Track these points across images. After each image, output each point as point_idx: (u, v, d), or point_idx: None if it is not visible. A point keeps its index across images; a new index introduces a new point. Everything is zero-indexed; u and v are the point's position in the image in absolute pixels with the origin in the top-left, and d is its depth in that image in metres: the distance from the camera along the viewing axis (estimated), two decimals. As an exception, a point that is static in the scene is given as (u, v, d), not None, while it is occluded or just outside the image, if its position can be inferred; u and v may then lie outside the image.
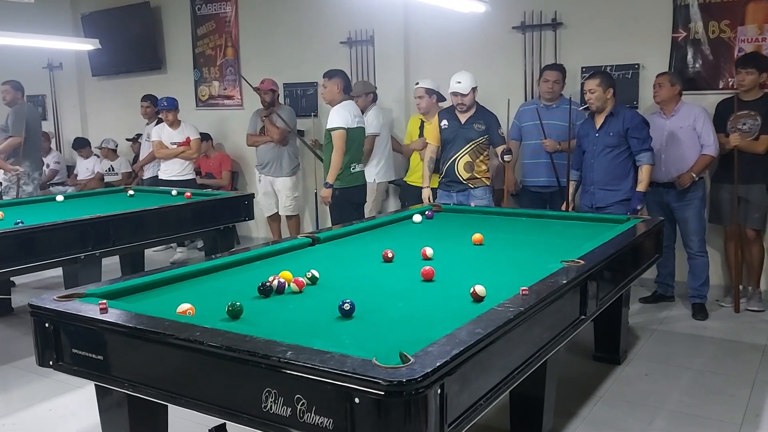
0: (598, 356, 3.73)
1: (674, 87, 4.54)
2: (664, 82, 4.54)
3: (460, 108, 4.63)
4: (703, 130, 4.48)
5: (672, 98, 4.54)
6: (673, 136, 4.53)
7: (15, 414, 3.25)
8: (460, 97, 4.57)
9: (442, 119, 4.73)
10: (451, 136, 4.67)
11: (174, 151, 6.25)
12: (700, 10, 4.88)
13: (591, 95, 4.35)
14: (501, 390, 2.01)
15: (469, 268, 2.86)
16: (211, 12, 7.28)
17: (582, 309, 2.67)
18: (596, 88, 4.33)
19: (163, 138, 6.29)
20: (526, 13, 5.50)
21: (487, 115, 4.68)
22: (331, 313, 2.19)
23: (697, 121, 4.48)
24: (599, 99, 4.34)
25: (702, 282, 4.55)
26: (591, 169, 4.44)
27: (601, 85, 4.33)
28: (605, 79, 4.38)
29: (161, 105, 6.29)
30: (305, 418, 1.68)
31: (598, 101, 4.35)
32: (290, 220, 6.39)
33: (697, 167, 4.47)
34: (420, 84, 5.25)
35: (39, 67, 8.56)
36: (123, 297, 2.40)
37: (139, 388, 2.06)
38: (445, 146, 4.73)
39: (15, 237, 3.75)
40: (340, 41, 6.40)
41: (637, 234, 3.41)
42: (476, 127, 4.62)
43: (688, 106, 4.57)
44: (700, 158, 4.48)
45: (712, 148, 4.47)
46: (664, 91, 4.54)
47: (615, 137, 4.32)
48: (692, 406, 3.20)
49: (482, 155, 4.68)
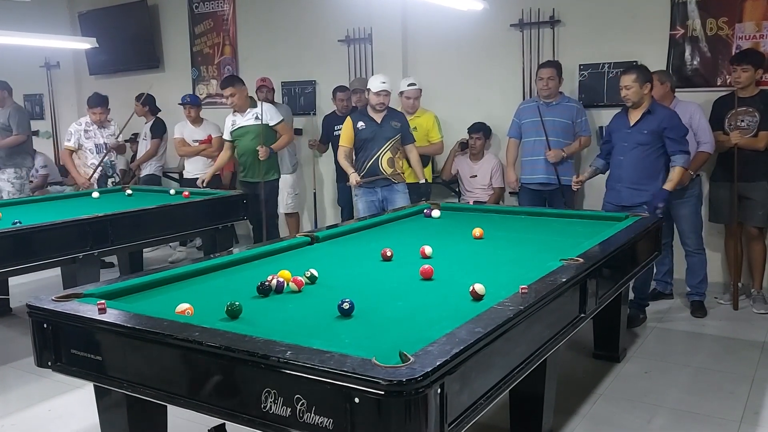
0: (597, 354, 3.73)
1: (664, 85, 4.50)
2: (632, 83, 4.33)
3: (379, 107, 4.82)
4: (699, 128, 4.46)
5: (664, 96, 4.49)
6: None
7: (14, 415, 3.25)
8: (383, 97, 4.79)
9: (357, 121, 4.91)
10: (371, 135, 4.85)
11: (196, 149, 6.23)
12: (698, 7, 4.88)
13: (627, 91, 4.16)
14: (501, 389, 2.01)
15: (468, 266, 2.86)
16: (209, 10, 7.27)
17: (581, 307, 2.67)
18: (632, 83, 4.14)
19: (185, 135, 6.27)
20: (524, 10, 5.49)
21: (398, 114, 4.97)
22: (330, 312, 2.18)
23: (692, 118, 4.45)
24: (636, 94, 4.15)
25: (700, 279, 4.55)
26: (620, 165, 4.27)
27: (638, 80, 4.13)
28: (642, 74, 4.18)
29: (184, 101, 6.31)
30: (305, 418, 1.67)
31: (636, 96, 4.16)
32: (290, 217, 6.39)
33: (694, 165, 4.43)
34: (417, 85, 5.23)
35: (36, 66, 8.55)
36: (121, 297, 2.40)
37: (138, 388, 2.05)
38: (364, 145, 4.90)
39: (13, 237, 3.74)
40: (338, 39, 6.39)
41: (636, 232, 3.41)
42: (393, 125, 4.86)
43: (684, 104, 4.54)
44: (697, 155, 4.45)
45: (709, 145, 4.46)
46: (654, 91, 4.43)
47: (649, 135, 4.16)
48: (691, 403, 3.20)
49: (399, 151, 4.93)
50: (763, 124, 4.38)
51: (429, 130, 5.28)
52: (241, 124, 5.40)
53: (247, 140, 5.40)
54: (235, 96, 5.31)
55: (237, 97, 5.32)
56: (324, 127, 6.30)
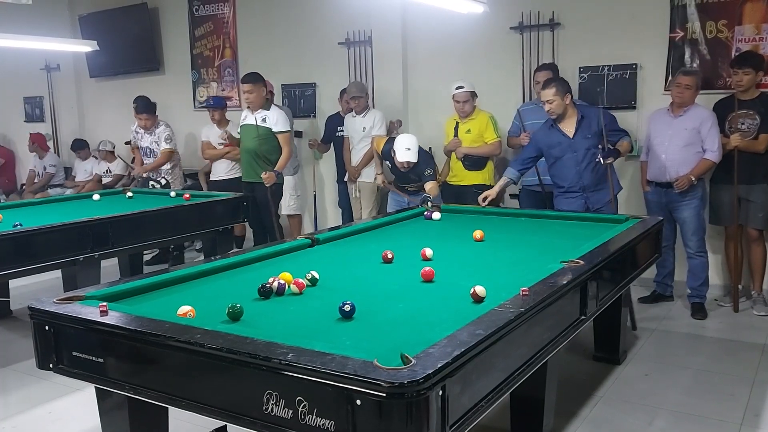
0: (597, 356, 3.74)
1: (698, 91, 4.47)
2: (692, 84, 4.43)
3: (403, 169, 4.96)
4: (708, 135, 4.39)
5: (693, 101, 4.48)
6: (677, 137, 4.45)
7: (14, 417, 3.25)
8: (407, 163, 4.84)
9: (385, 160, 5.14)
10: (395, 173, 5.11)
11: (221, 152, 6.23)
12: (698, 10, 4.89)
13: (550, 105, 4.23)
14: (502, 391, 2.01)
15: (469, 268, 2.86)
16: (209, 13, 7.27)
17: (582, 309, 2.67)
18: (553, 97, 4.22)
19: (211, 138, 6.27)
20: (523, 13, 5.50)
21: (418, 166, 4.93)
22: (331, 314, 2.19)
23: (703, 124, 4.39)
24: (559, 107, 4.25)
25: (701, 282, 4.55)
26: (578, 176, 4.31)
27: (558, 93, 4.22)
28: (560, 86, 4.26)
29: (207, 104, 6.27)
30: (307, 420, 1.68)
31: (559, 109, 4.25)
32: (292, 219, 6.38)
33: (696, 171, 4.41)
34: (465, 87, 5.14)
35: (37, 69, 8.55)
36: (123, 299, 2.40)
37: (140, 390, 2.06)
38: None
39: (13, 239, 3.75)
40: (338, 42, 6.40)
41: (636, 234, 3.41)
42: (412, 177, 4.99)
43: (697, 108, 4.48)
44: (702, 162, 4.41)
45: (716, 154, 4.39)
46: (690, 93, 4.43)
47: (593, 138, 4.26)
48: (692, 405, 3.20)
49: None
50: (764, 126, 4.38)
51: (483, 131, 5.16)
52: (248, 122, 5.41)
53: (248, 138, 5.40)
54: (253, 93, 5.29)
55: (254, 95, 5.30)
56: (327, 127, 6.30)
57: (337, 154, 6.18)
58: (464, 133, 5.15)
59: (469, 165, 5.15)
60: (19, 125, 9.04)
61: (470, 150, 5.13)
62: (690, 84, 4.43)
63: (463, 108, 5.13)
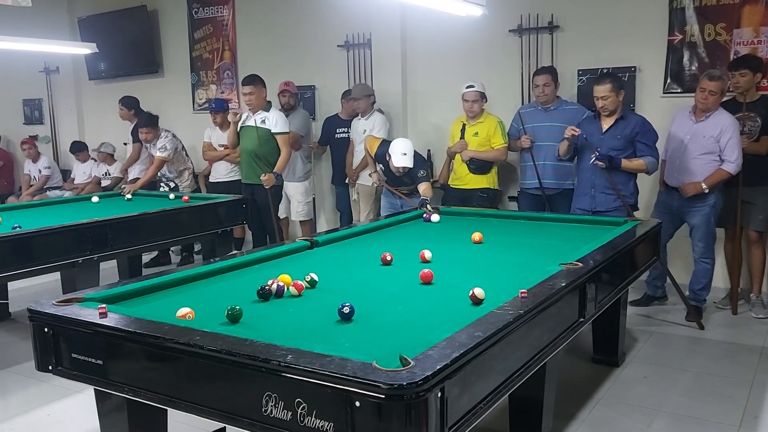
0: (596, 358, 3.73)
1: (722, 96, 4.30)
2: (717, 90, 4.22)
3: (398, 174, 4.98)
4: (727, 145, 4.21)
5: (717, 106, 4.30)
6: (694, 143, 4.32)
7: (14, 419, 3.24)
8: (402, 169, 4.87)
9: (379, 163, 5.18)
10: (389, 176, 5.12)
11: (220, 154, 6.22)
12: (696, 13, 4.90)
13: (605, 101, 4.26)
14: (501, 393, 2.01)
15: (468, 270, 2.87)
16: (208, 15, 7.28)
17: (581, 311, 2.67)
18: (609, 93, 4.26)
19: (212, 140, 6.29)
20: (522, 16, 5.51)
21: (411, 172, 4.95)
22: (330, 316, 2.19)
23: (723, 134, 4.21)
24: (613, 103, 4.29)
25: (701, 287, 4.48)
26: (592, 171, 4.36)
27: (614, 90, 4.26)
28: (615, 82, 4.29)
29: (210, 107, 6.26)
30: (306, 422, 1.68)
31: (613, 105, 4.30)
32: (304, 224, 6.35)
33: (710, 181, 4.26)
34: (476, 87, 5.11)
35: (36, 71, 8.56)
36: (122, 301, 2.40)
37: (139, 392, 2.06)
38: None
39: (13, 241, 3.75)
40: (338, 45, 6.41)
41: (634, 236, 3.42)
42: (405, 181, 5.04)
43: (720, 114, 4.28)
44: (717, 172, 4.25)
45: (734, 166, 4.22)
46: (715, 99, 4.24)
47: (622, 140, 4.27)
48: (691, 407, 3.20)
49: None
50: (765, 128, 4.38)
51: (491, 136, 5.10)
52: (248, 123, 5.42)
53: (247, 140, 5.40)
54: (253, 95, 5.31)
55: (255, 97, 5.32)
56: (324, 128, 6.30)
57: (336, 156, 6.18)
58: (471, 136, 5.11)
59: (474, 168, 5.10)
60: (18, 128, 9.04)
61: (477, 154, 5.08)
62: (715, 90, 4.21)
63: (472, 108, 5.10)
